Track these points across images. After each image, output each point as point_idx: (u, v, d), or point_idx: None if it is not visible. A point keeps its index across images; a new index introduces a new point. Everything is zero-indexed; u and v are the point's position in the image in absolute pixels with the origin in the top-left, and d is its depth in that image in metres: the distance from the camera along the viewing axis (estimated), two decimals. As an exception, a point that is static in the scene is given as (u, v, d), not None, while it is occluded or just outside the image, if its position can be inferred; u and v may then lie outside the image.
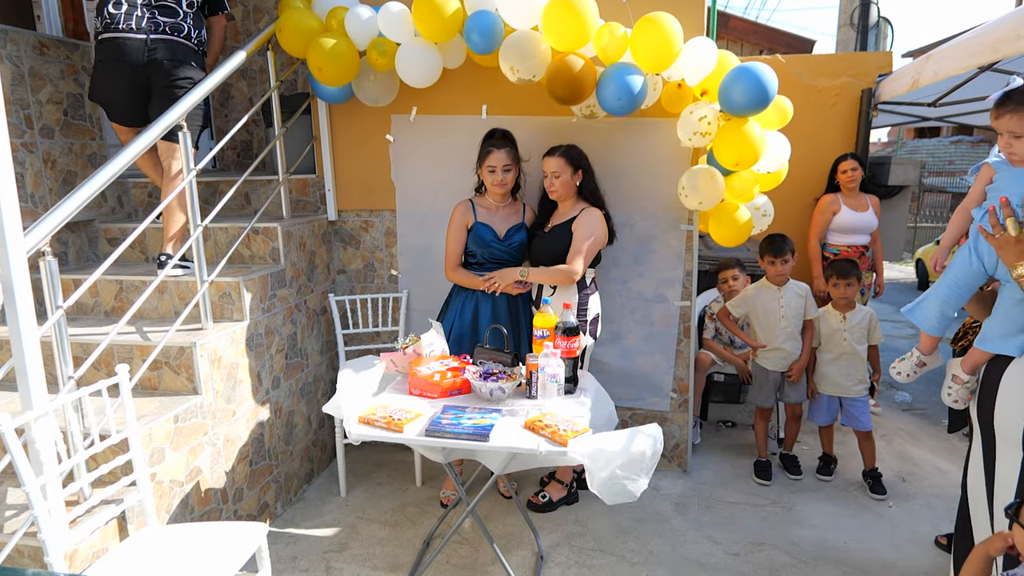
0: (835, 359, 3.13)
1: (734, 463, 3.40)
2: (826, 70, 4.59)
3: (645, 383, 3.23)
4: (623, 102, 2.58)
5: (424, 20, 2.61)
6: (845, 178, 3.92)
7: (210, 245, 2.98)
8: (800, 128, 3.48)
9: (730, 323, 3.31)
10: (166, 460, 2.21)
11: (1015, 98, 1.59)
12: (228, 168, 4.41)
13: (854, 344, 3.09)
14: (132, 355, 2.40)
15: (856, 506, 2.97)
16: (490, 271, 2.81)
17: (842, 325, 3.10)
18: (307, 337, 3.15)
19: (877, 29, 6.68)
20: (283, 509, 2.94)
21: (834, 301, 3.14)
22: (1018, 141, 1.59)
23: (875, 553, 2.61)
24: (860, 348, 3.09)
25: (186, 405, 2.31)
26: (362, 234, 3.37)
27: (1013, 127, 1.57)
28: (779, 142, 2.81)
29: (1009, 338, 1.75)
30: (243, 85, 4.40)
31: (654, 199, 3.04)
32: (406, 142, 3.22)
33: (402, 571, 2.49)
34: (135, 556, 1.83)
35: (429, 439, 1.95)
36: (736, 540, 2.70)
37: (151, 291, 2.36)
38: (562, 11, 2.49)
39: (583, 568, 2.51)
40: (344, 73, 2.83)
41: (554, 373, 2.18)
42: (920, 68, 3.49)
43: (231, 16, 4.34)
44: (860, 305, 3.16)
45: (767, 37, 8.76)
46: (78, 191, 2.00)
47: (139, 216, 3.35)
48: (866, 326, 3.11)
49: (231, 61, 2.71)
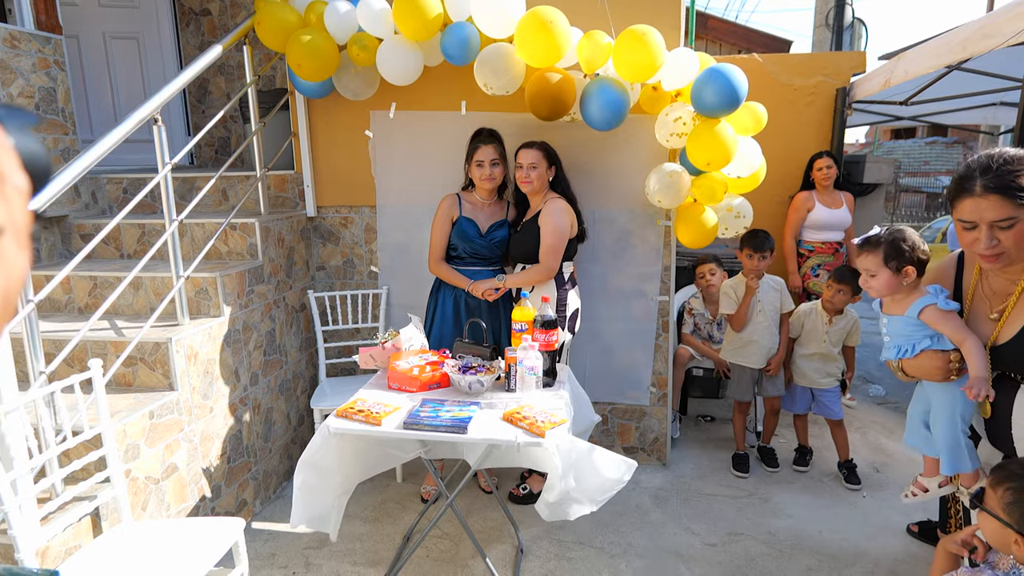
0: (810, 356, 3.19)
1: (712, 456, 3.44)
2: (802, 69, 4.66)
3: (624, 378, 3.26)
4: (607, 118, 2.63)
5: (404, 20, 2.62)
6: (820, 175, 3.98)
7: (186, 241, 2.95)
8: (776, 126, 3.54)
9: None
10: (141, 456, 2.19)
11: (870, 241, 1.78)
12: (205, 165, 4.37)
13: (831, 346, 3.15)
14: (106, 351, 2.37)
15: (831, 496, 3.03)
16: (470, 266, 2.82)
17: (824, 327, 3.14)
18: (286, 334, 3.13)
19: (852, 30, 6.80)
20: (262, 506, 2.92)
21: (824, 301, 3.16)
22: (872, 279, 1.77)
23: (849, 542, 2.66)
24: (835, 350, 3.17)
25: (162, 401, 2.28)
26: (341, 230, 3.36)
27: (868, 265, 1.77)
28: (751, 148, 2.82)
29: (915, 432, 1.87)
30: (220, 80, 4.36)
31: (632, 195, 3.07)
32: (386, 138, 3.22)
33: (382, 566, 2.48)
34: (109, 552, 1.81)
35: (407, 431, 1.96)
36: (714, 531, 2.73)
37: (125, 286, 2.33)
38: (534, 31, 2.51)
39: (563, 560, 2.53)
40: (323, 68, 2.82)
41: (532, 366, 2.20)
42: (892, 67, 3.57)
43: (208, 11, 4.31)
44: (849, 309, 3.18)
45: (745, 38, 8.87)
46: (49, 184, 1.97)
47: (113, 212, 3.31)
48: (847, 329, 3.16)
49: (207, 55, 2.69)
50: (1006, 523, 1.32)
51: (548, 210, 2.68)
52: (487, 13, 2.58)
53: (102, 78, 4.11)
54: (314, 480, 2.03)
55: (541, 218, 2.68)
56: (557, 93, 2.65)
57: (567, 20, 2.56)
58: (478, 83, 2.73)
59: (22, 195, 0.30)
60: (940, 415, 1.72)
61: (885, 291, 1.76)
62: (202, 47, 4.25)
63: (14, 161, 0.30)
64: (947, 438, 1.70)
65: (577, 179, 2.93)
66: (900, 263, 1.72)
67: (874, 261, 1.75)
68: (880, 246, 1.74)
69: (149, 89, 4.15)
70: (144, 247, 3.00)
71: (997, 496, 1.35)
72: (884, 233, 1.77)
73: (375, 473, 2.31)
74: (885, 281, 1.74)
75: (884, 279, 1.74)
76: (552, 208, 2.68)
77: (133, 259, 3.00)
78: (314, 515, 2.06)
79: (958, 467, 1.70)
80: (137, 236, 3.02)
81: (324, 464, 2.01)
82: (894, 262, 1.72)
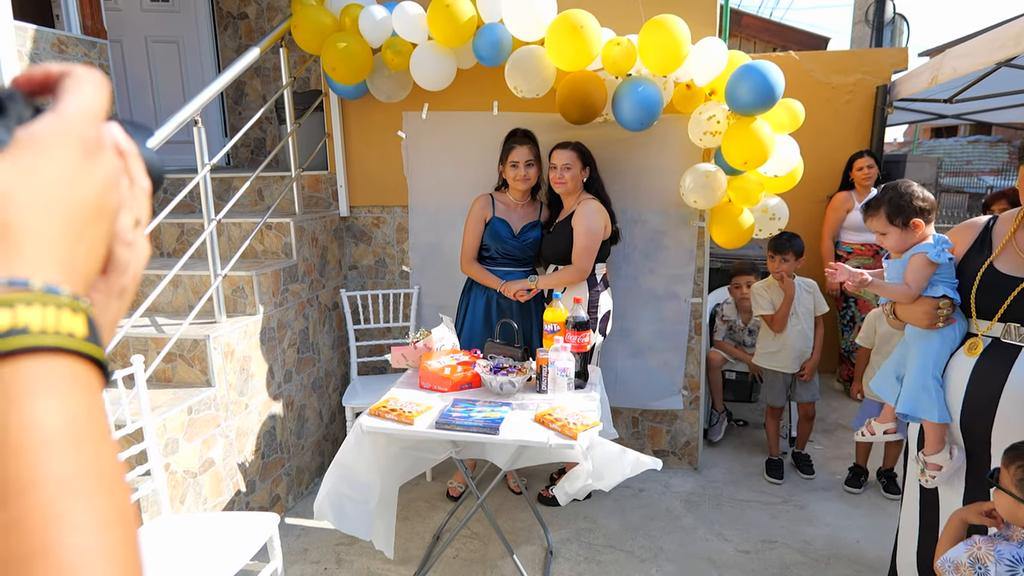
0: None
1: (745, 461, 3.38)
2: (840, 66, 4.55)
3: (656, 380, 3.22)
4: (639, 117, 2.60)
5: (438, 26, 2.63)
6: (860, 175, 3.89)
7: (224, 240, 3.00)
8: (812, 125, 3.46)
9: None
10: (180, 451, 2.24)
11: (872, 204, 1.85)
12: (242, 165, 4.46)
13: None
14: (147, 347, 2.43)
15: (869, 506, 2.95)
16: (503, 266, 2.82)
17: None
18: (319, 332, 3.17)
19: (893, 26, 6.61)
20: (294, 502, 2.96)
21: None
22: (884, 238, 1.85)
23: (888, 552, 2.58)
24: None
25: (200, 397, 2.33)
26: (373, 230, 3.39)
27: (876, 228, 1.85)
28: (789, 146, 2.77)
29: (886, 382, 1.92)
30: (257, 83, 4.44)
31: (665, 195, 3.03)
32: (418, 138, 3.23)
33: (412, 564, 2.50)
34: (150, 544, 1.85)
35: (439, 431, 1.96)
36: (747, 538, 2.68)
37: (165, 284, 2.39)
38: (565, 35, 2.50)
39: (592, 564, 2.51)
40: (357, 72, 2.86)
41: (564, 367, 2.19)
42: (938, 64, 3.46)
43: (245, 15, 4.39)
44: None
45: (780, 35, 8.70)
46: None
47: (154, 211, 3.39)
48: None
49: (245, 58, 2.74)
50: (1019, 499, 1.37)
51: (582, 211, 2.66)
52: (518, 16, 2.57)
53: (144, 81, 4.22)
54: (344, 486, 2.03)
55: (575, 219, 2.67)
56: (587, 98, 2.62)
57: (598, 22, 2.54)
58: (509, 86, 2.73)
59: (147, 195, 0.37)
60: (915, 358, 1.77)
61: (900, 246, 1.83)
62: (239, 50, 4.34)
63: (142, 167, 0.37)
64: (916, 380, 1.75)
65: (609, 179, 2.91)
66: (905, 218, 1.79)
67: (880, 223, 1.83)
68: (881, 207, 1.82)
69: (188, 91, 4.25)
70: (183, 246, 3.07)
71: (1010, 474, 1.39)
72: (882, 194, 1.85)
73: (409, 478, 2.32)
74: (897, 238, 1.82)
75: (895, 236, 1.82)
76: (586, 209, 2.66)
77: (173, 257, 3.07)
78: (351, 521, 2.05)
79: (916, 409, 1.73)
80: (176, 235, 3.09)
81: (356, 468, 2.02)
82: (899, 219, 1.80)
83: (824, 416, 3.91)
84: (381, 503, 2.07)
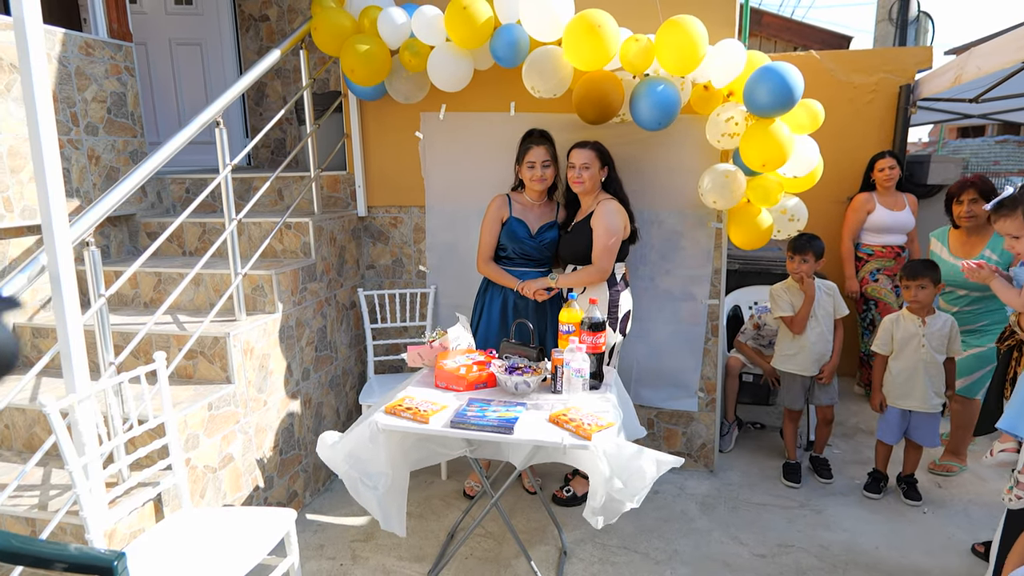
0: (912, 368, 2.86)
1: (762, 465, 3.35)
2: (862, 66, 4.48)
3: (672, 382, 3.20)
4: (656, 117, 2.59)
5: (455, 28, 2.64)
6: (882, 176, 3.83)
7: (244, 239, 3.05)
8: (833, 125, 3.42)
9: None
10: (200, 446, 2.28)
11: (1007, 204, 1.67)
12: (262, 165, 4.52)
13: (933, 352, 2.83)
14: (169, 344, 2.48)
15: (889, 511, 2.90)
16: (519, 266, 2.83)
17: (920, 330, 2.84)
18: (336, 330, 3.20)
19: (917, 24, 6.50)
20: (311, 498, 3.00)
21: (908, 305, 2.90)
22: (1018, 242, 1.68)
23: (908, 559, 2.55)
24: (939, 357, 2.85)
25: (220, 393, 2.37)
26: (391, 230, 3.42)
27: (1010, 230, 1.68)
28: (808, 146, 2.73)
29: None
30: (277, 84, 4.50)
31: (683, 196, 3.02)
32: (435, 139, 3.26)
33: (426, 562, 2.52)
34: (170, 537, 1.89)
35: (454, 430, 1.98)
36: (763, 541, 2.66)
37: (187, 283, 2.43)
38: (582, 35, 2.49)
39: (606, 565, 2.51)
40: (376, 74, 2.88)
41: (579, 368, 2.19)
42: (963, 63, 3.40)
43: (266, 17, 4.45)
44: (939, 311, 2.92)
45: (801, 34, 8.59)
46: (119, 185, 2.08)
47: (176, 211, 3.46)
48: (946, 334, 2.84)
49: (265, 60, 2.78)
50: None
51: (601, 211, 2.66)
52: (535, 17, 2.57)
53: (167, 82, 4.30)
54: (356, 472, 2.07)
55: (594, 219, 2.66)
56: (604, 98, 2.62)
57: (615, 22, 2.53)
58: (526, 86, 2.74)
59: None
60: None
61: None
62: (260, 52, 4.40)
63: None
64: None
65: (626, 179, 2.89)
66: None
67: (1015, 224, 1.65)
68: (1018, 206, 1.64)
69: (211, 93, 4.32)
70: (204, 244, 3.13)
71: None
72: (1019, 192, 1.67)
73: (421, 467, 2.34)
74: None
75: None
76: (605, 209, 2.66)
77: (194, 256, 3.13)
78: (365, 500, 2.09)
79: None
80: (198, 234, 3.15)
81: (370, 460, 2.05)
82: None
83: (843, 420, 3.86)
84: (392, 489, 2.11)
